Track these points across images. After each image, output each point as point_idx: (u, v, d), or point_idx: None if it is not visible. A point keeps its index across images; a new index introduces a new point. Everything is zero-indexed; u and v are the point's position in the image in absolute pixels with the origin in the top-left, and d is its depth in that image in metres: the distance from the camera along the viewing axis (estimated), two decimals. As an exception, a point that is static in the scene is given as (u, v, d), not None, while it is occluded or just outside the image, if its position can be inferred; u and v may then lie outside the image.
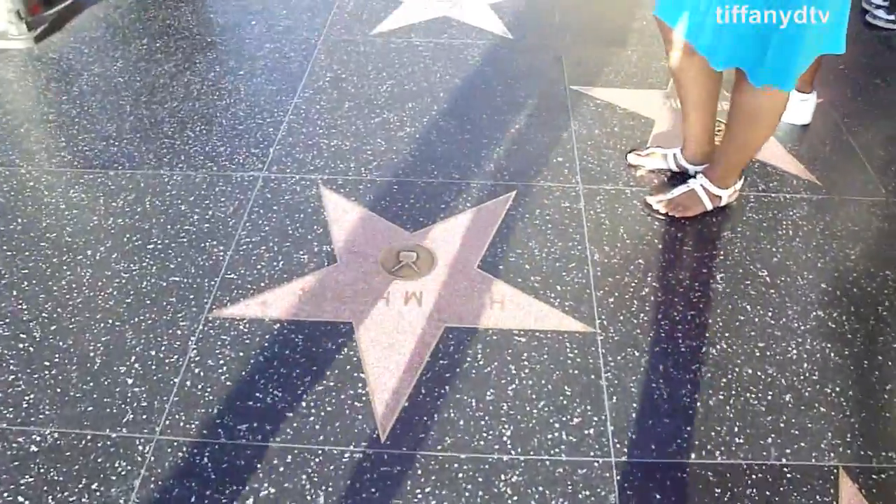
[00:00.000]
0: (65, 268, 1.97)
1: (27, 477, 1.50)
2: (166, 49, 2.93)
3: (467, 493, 1.49)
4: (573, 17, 3.22)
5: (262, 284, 1.92)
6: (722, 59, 1.83)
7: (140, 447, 1.56)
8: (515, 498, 1.48)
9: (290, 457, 1.55)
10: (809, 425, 1.63)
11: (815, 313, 1.89)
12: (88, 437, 1.58)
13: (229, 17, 3.17)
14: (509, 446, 1.58)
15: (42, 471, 1.52)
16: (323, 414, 1.62)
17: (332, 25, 3.10)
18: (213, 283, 1.93)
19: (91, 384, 1.68)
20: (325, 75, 2.77)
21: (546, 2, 3.36)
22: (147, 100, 2.63)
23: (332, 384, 1.69)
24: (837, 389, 1.71)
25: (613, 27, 3.16)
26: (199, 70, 2.80)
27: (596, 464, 1.55)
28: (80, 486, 1.49)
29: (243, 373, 1.71)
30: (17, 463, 1.53)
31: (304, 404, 1.64)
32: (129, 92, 2.68)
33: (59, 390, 1.66)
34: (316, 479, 1.51)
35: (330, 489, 1.49)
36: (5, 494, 1.47)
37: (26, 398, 1.65)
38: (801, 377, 1.73)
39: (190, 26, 3.09)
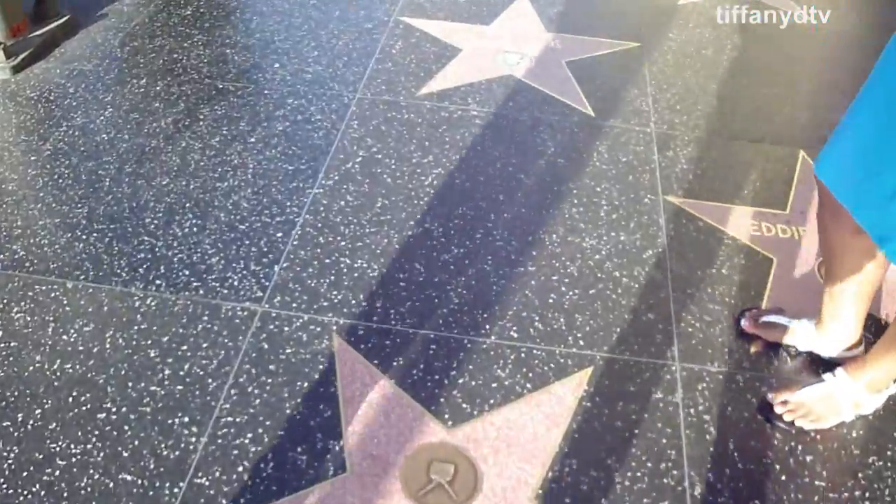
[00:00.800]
0: (-16, 441, 1.47)
1: None
2: (167, 95, 2.39)
3: None
4: (671, 94, 2.56)
5: (242, 502, 1.41)
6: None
7: None
8: None
9: None
10: None
11: None
12: None
13: (248, 55, 2.60)
14: None
15: None
16: None
17: (372, 78, 2.52)
18: (175, 491, 1.41)
19: None
20: (356, 153, 2.21)
21: (638, 68, 2.71)
22: (132, 170, 2.11)
23: None
24: None
25: (722, 114, 2.48)
26: (201, 131, 2.25)
27: None
28: None
29: None
30: None
31: None
32: (113, 157, 2.15)
33: None
34: None
35: None
36: None
37: None
38: None
39: (200, 65, 2.53)
